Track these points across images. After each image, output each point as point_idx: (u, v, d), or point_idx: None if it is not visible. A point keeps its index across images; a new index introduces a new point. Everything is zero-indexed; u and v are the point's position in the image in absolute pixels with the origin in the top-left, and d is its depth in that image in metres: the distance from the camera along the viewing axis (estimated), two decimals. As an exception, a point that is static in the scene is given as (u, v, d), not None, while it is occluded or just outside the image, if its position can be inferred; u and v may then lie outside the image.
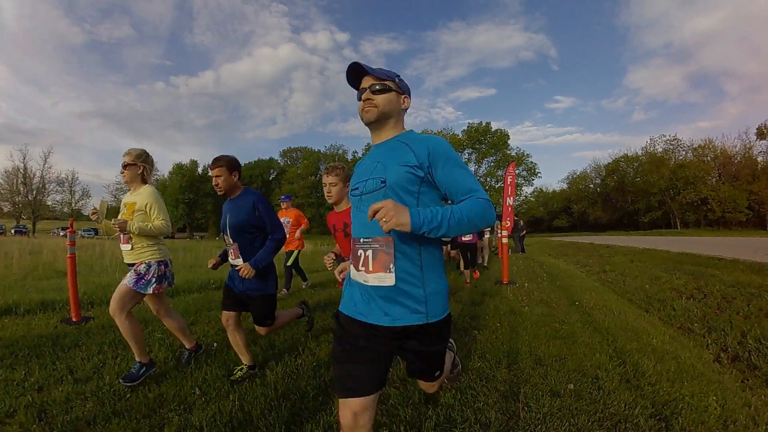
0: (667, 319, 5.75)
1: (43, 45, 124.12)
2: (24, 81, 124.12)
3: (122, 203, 3.34)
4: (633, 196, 63.21)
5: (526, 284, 7.93)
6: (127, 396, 2.81)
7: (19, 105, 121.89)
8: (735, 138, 59.26)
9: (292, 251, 7.35)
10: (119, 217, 3.17)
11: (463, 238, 7.72)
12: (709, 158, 57.42)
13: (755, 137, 55.27)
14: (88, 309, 5.46)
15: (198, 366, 3.37)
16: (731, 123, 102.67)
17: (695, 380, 3.20)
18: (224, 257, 3.32)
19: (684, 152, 59.79)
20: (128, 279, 3.14)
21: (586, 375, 3.16)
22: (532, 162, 61.39)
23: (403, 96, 1.71)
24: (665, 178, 56.14)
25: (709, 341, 4.75)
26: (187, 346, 3.58)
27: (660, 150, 60.98)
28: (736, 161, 55.98)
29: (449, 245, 9.81)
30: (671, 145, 60.49)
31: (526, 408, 2.62)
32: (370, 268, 1.55)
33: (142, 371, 3.05)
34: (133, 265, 3.23)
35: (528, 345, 3.91)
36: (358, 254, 1.60)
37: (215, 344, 3.96)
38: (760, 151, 55.54)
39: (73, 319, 4.78)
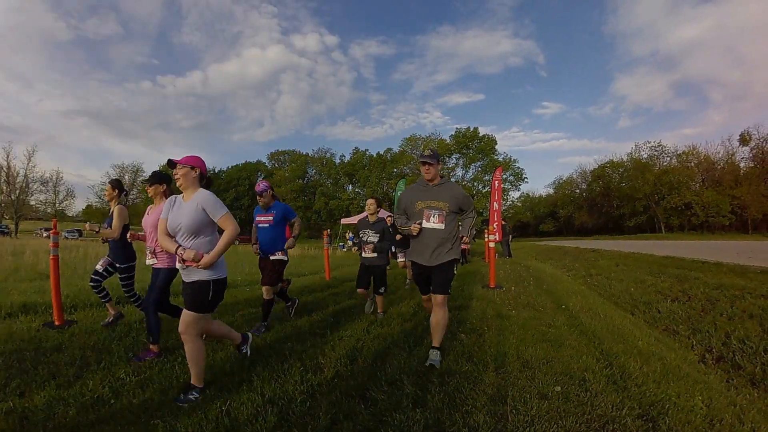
0: (652, 321, 5.82)
1: (28, 40, 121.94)
2: (8, 77, 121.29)
3: None
4: (618, 201, 64.02)
5: (512, 288, 7.96)
6: (112, 402, 2.75)
7: (2, 101, 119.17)
8: (718, 144, 60.42)
9: None
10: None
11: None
12: (692, 164, 58.47)
13: (738, 144, 56.53)
14: (71, 312, 5.36)
15: (183, 371, 3.32)
16: (715, 130, 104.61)
17: (681, 381, 3.23)
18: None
19: (668, 158, 60.86)
20: None
21: (573, 377, 3.18)
22: (519, 167, 61.66)
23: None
24: (650, 183, 56.98)
25: (694, 342, 4.81)
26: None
27: (645, 156, 61.96)
28: (719, 167, 57.08)
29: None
30: (656, 151, 61.50)
31: (514, 411, 2.62)
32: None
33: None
34: None
35: (515, 348, 3.92)
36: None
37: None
38: (743, 157, 56.83)
39: (56, 323, 4.69)
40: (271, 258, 4.89)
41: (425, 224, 3.69)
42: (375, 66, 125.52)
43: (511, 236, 19.89)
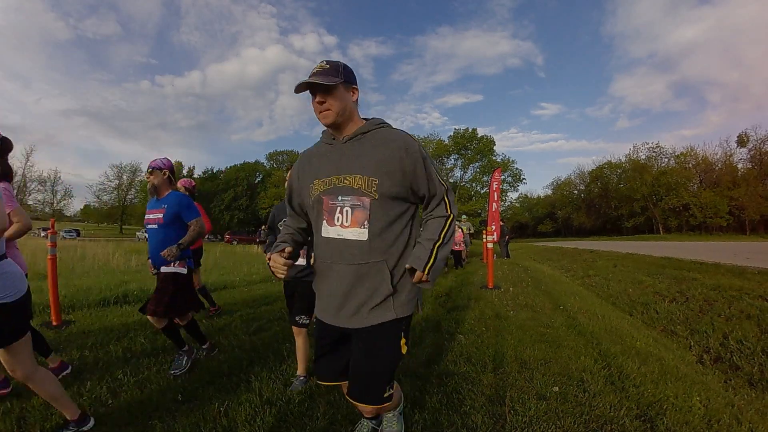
0: (650, 322, 5.83)
1: (27, 39, 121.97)
2: (7, 76, 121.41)
3: None
4: (616, 202, 64.15)
5: (511, 289, 7.96)
6: (110, 402, 2.75)
7: (1, 101, 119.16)
8: (716, 146, 60.84)
9: None
10: None
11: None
12: (690, 165, 58.60)
13: (736, 145, 56.66)
14: (68, 312, 5.35)
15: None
16: (713, 131, 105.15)
17: (679, 381, 3.23)
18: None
19: (666, 159, 60.98)
20: None
21: (571, 378, 3.18)
22: (517, 168, 61.61)
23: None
24: (648, 184, 57.09)
25: (692, 343, 4.82)
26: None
27: (643, 157, 62.07)
28: (717, 168, 57.21)
29: None
30: (654, 152, 61.61)
31: (512, 411, 2.62)
32: None
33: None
34: None
35: (513, 349, 3.92)
36: None
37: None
38: (740, 159, 56.99)
39: (53, 323, 4.68)
40: (163, 271, 3.36)
41: (326, 232, 1.73)
42: (374, 66, 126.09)
43: (508, 237, 19.86)
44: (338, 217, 1.68)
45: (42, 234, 40.08)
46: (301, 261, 3.07)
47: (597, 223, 68.42)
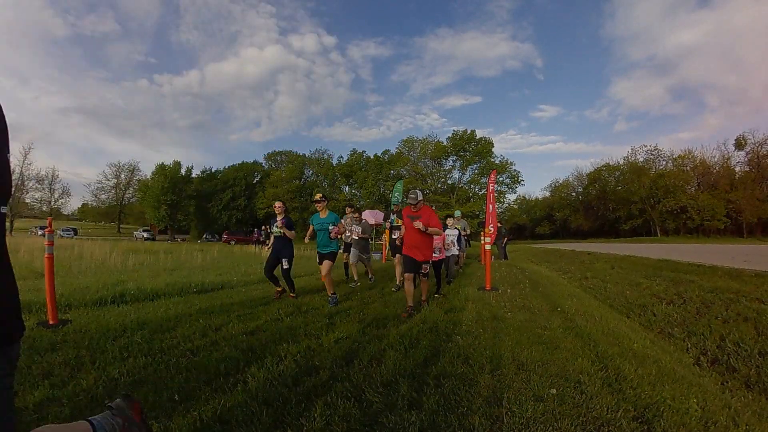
0: (647, 324, 5.83)
1: (25, 36, 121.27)
2: (4, 73, 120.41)
3: None
4: (614, 204, 64.35)
5: (508, 290, 7.96)
6: (106, 402, 2.73)
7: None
8: (714, 149, 60.74)
9: None
10: None
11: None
12: (688, 168, 58.80)
13: (733, 148, 56.87)
14: (65, 311, 5.33)
15: (178, 371, 3.31)
16: (711, 134, 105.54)
17: (676, 383, 3.24)
18: None
19: (664, 162, 61.21)
20: None
21: (568, 379, 3.18)
22: (515, 170, 61.82)
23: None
24: (646, 186, 57.27)
25: (689, 345, 4.82)
26: None
27: (641, 159, 62.30)
28: (714, 171, 57.45)
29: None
30: (652, 155, 61.83)
31: (509, 413, 2.62)
32: None
33: None
34: None
35: (511, 350, 3.91)
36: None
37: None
38: (738, 162, 57.24)
39: (50, 322, 4.65)
40: None
41: None
42: (372, 67, 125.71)
43: (506, 239, 19.85)
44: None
45: (39, 232, 39.99)
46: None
47: (595, 225, 68.54)
